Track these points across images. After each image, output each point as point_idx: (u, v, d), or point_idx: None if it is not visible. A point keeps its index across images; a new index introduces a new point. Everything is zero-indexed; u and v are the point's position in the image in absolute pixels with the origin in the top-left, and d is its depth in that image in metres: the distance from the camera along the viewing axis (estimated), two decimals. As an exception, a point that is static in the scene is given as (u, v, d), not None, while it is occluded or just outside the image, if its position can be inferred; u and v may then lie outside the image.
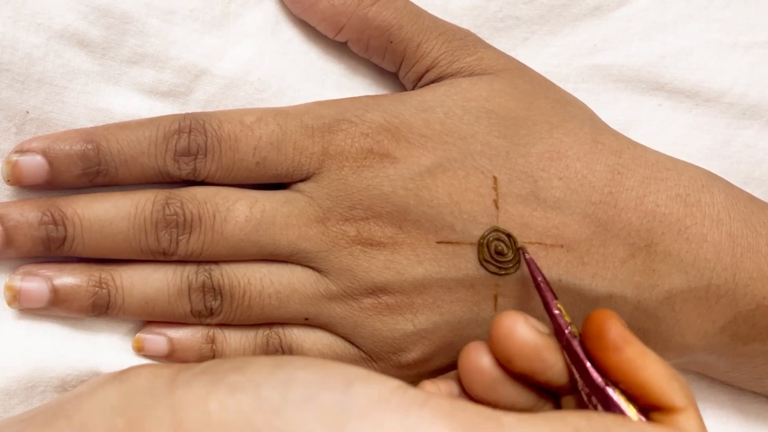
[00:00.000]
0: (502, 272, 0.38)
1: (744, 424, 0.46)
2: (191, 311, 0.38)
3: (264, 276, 0.38)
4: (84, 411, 0.30)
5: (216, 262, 0.38)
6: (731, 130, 0.45)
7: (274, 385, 0.29)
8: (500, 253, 0.38)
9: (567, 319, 0.34)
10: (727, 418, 0.46)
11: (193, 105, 0.39)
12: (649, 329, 0.40)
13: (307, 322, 0.39)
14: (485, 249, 0.37)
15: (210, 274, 0.38)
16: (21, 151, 0.36)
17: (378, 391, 0.28)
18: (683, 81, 0.44)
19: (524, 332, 0.33)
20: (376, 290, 0.38)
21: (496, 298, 0.38)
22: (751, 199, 0.41)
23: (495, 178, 0.38)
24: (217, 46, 0.39)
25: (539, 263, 0.38)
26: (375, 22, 0.39)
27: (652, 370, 0.31)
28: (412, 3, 0.40)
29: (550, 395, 0.35)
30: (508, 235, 0.38)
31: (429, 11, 0.40)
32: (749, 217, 0.40)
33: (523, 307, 0.38)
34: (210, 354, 0.38)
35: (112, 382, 0.31)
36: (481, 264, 0.38)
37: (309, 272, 0.38)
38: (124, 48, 0.38)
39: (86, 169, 0.37)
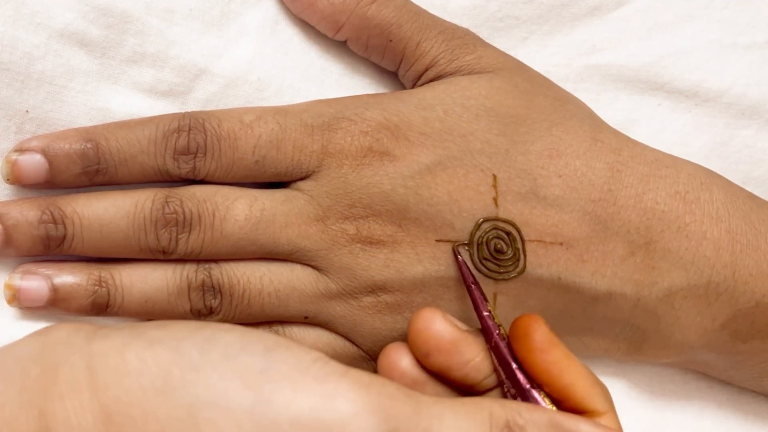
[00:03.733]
0: (502, 270, 0.38)
1: (743, 423, 0.46)
2: (191, 310, 0.38)
3: (263, 274, 0.38)
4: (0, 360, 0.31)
5: (216, 260, 0.38)
6: (730, 130, 0.45)
7: (195, 342, 0.29)
8: (500, 252, 0.38)
9: (497, 321, 0.34)
10: (726, 417, 0.46)
11: (192, 104, 0.39)
12: (648, 327, 0.40)
13: (307, 321, 0.39)
14: (484, 247, 0.37)
15: (209, 272, 0.38)
16: (20, 150, 0.36)
17: (298, 358, 0.29)
18: (682, 81, 0.44)
19: (442, 326, 0.34)
20: (376, 289, 0.38)
21: (495, 296, 0.38)
22: (750, 196, 0.41)
23: (494, 176, 0.38)
24: (216, 45, 0.39)
25: (539, 261, 0.38)
26: (374, 21, 0.39)
27: (576, 374, 0.32)
28: (411, 2, 0.40)
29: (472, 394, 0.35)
30: (508, 233, 0.38)
31: (428, 10, 0.40)
32: (748, 215, 0.40)
33: (524, 306, 0.38)
34: (209, 353, 0.39)
35: (32, 335, 0.32)
36: (481, 262, 0.38)
37: (309, 271, 0.38)
38: (124, 47, 0.38)
39: (86, 167, 0.37)
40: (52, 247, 0.37)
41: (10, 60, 0.37)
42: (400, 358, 0.34)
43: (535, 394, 0.32)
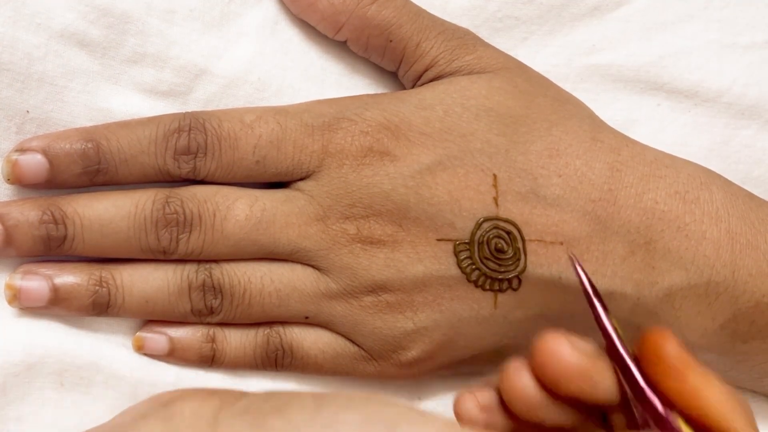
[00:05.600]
0: (503, 269, 0.38)
1: (743, 423, 0.46)
2: (191, 310, 0.38)
3: (264, 275, 0.38)
4: None
5: (216, 260, 0.38)
6: (730, 130, 0.45)
7: (317, 430, 0.28)
8: (500, 251, 0.38)
9: (622, 336, 0.32)
10: (726, 417, 0.46)
11: (193, 104, 0.39)
12: (649, 327, 0.40)
13: (308, 321, 0.39)
14: (485, 247, 0.38)
15: (210, 272, 0.38)
16: (21, 150, 0.36)
17: None
18: (682, 81, 0.44)
19: (571, 356, 0.31)
20: (377, 288, 0.38)
21: (496, 295, 0.38)
22: (750, 196, 0.41)
23: (495, 176, 0.38)
24: (216, 45, 0.39)
25: (539, 261, 0.38)
26: (374, 21, 0.39)
27: (715, 397, 0.30)
28: (411, 2, 0.40)
29: (597, 412, 0.33)
30: (508, 233, 0.38)
31: (428, 11, 0.40)
32: (748, 214, 0.40)
33: (524, 306, 0.38)
34: (210, 353, 0.39)
35: (155, 418, 0.31)
36: (481, 262, 0.38)
37: (309, 271, 0.38)
38: (124, 47, 0.38)
39: (86, 167, 0.37)
40: (53, 248, 0.37)
41: (11, 60, 0.37)
42: (523, 380, 0.32)
43: (672, 419, 0.30)
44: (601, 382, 0.32)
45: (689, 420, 0.31)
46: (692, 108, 0.45)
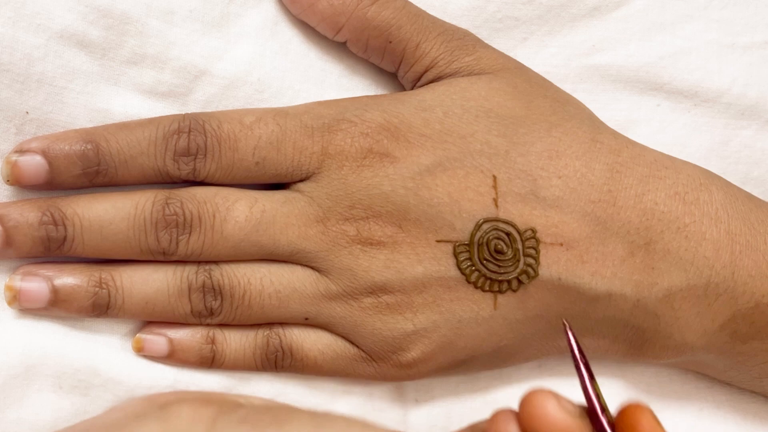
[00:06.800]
0: (502, 271, 0.38)
1: (742, 423, 0.46)
2: (191, 311, 0.38)
3: (264, 276, 0.38)
4: None
5: (216, 262, 0.38)
6: (729, 131, 0.45)
7: None
8: (500, 252, 0.38)
9: (604, 404, 0.33)
10: (725, 417, 0.46)
11: (192, 105, 0.39)
12: (648, 328, 0.40)
13: (307, 322, 0.39)
14: (484, 248, 0.38)
15: (210, 274, 0.38)
16: (20, 151, 0.36)
17: None
18: (682, 81, 0.44)
19: (556, 413, 0.32)
20: (376, 289, 0.38)
21: (496, 296, 0.38)
22: (750, 197, 0.41)
23: (494, 177, 0.38)
24: (216, 46, 0.39)
25: (539, 262, 0.38)
26: (374, 22, 0.39)
27: None
28: (410, 3, 0.40)
29: None
30: (508, 234, 0.38)
31: (428, 12, 0.40)
32: (748, 215, 0.40)
33: (524, 307, 0.38)
34: (210, 354, 0.39)
35: (152, 419, 0.31)
36: (481, 263, 0.38)
37: (309, 272, 0.38)
38: (124, 48, 0.38)
39: (86, 169, 0.37)
40: (53, 249, 0.37)
41: (10, 61, 0.37)
42: (508, 428, 0.33)
43: None
44: None
45: None
46: (692, 108, 0.45)
